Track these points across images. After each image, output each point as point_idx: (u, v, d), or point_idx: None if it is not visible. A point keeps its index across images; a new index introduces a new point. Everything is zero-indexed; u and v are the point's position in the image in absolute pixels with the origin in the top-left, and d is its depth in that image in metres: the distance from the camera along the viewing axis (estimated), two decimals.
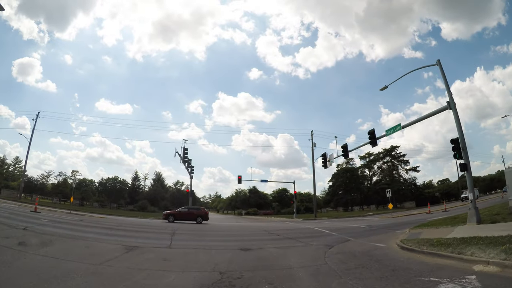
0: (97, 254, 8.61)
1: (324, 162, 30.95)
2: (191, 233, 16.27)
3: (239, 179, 43.64)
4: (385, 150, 69.98)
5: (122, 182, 64.48)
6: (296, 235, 15.85)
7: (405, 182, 67.99)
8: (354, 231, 17.30)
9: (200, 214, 26.62)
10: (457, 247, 8.51)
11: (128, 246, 10.06)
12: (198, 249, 10.23)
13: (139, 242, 11.19)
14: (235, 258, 8.70)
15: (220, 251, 9.95)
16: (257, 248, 10.71)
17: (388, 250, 9.95)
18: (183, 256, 8.95)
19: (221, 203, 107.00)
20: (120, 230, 15.28)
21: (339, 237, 14.44)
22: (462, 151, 15.87)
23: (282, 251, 10.11)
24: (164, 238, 13.07)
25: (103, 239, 11.67)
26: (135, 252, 9.17)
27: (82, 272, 6.32)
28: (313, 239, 13.56)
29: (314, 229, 19.69)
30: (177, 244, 11.37)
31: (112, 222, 20.83)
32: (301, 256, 9.23)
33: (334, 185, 72.19)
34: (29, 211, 22.32)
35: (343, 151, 26.24)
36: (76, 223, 17.41)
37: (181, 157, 35.02)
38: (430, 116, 18.68)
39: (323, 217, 42.68)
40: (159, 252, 9.37)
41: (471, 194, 15.49)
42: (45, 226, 14.29)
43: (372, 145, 22.20)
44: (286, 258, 8.76)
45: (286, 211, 64.17)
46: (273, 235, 15.94)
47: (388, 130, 20.92)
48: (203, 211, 27.58)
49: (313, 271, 7.09)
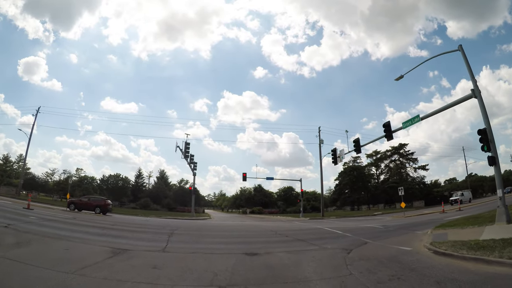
0: (75, 258, 7.31)
1: (334, 158, 29.32)
2: (191, 234, 14.86)
3: (244, 176, 42.13)
4: (393, 148, 68.31)
5: (124, 179, 63.31)
6: (306, 236, 14.36)
7: (413, 180, 66.01)
8: (369, 232, 15.79)
9: (98, 204, 26.21)
10: (503, 251, 7.19)
11: (116, 248, 8.71)
12: (197, 253, 8.78)
13: (130, 244, 9.84)
14: (239, 265, 7.24)
15: (222, 256, 8.49)
16: (264, 252, 9.26)
17: (418, 255, 8.45)
18: (177, 262, 7.51)
19: (225, 201, 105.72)
20: (113, 230, 13.93)
21: (355, 238, 12.94)
22: (490, 143, 14.24)
23: (295, 257, 8.64)
24: (159, 239, 11.68)
25: (90, 239, 10.34)
26: (122, 256, 7.80)
27: (44, 284, 5.01)
28: (327, 241, 12.06)
29: (324, 229, 18.17)
30: (174, 246, 9.95)
31: (108, 220, 19.51)
32: (318, 263, 7.75)
33: (341, 184, 70.45)
34: (22, 208, 21.14)
35: (355, 145, 24.56)
36: (67, 221, 16.12)
37: (183, 151, 33.46)
38: (453, 106, 17.05)
39: (330, 216, 41.11)
40: (150, 257, 7.95)
41: (500, 191, 13.93)
42: (31, 224, 13.03)
43: (387, 138, 20.55)
44: (301, 266, 7.29)
45: (292, 210, 62.76)
46: (281, 236, 14.47)
47: (405, 122, 19.32)
48: (104, 202, 26.90)
49: (337, 285, 5.62)
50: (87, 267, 6.42)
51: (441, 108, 17.66)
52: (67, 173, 61.95)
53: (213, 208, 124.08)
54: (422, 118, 18.31)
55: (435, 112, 17.88)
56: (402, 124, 19.50)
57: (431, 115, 18.51)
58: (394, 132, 20.55)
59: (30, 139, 43.95)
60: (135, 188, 64.95)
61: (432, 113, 18.23)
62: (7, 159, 66.53)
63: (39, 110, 44.26)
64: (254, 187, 78.30)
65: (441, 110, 17.63)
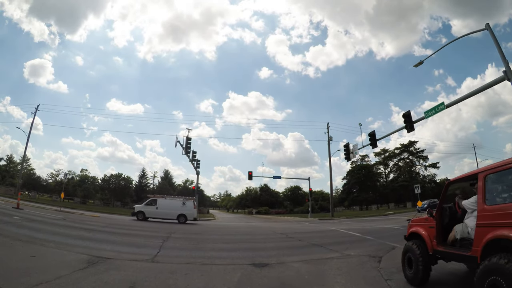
0: (37, 269, 5.74)
1: (346, 154, 27.37)
2: (190, 238, 13.07)
3: (250, 175, 40.34)
4: (402, 146, 66.04)
5: (126, 179, 61.88)
6: (322, 240, 12.52)
7: (424, 179, 63.54)
8: (391, 234, 13.97)
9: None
10: None
11: (95, 256, 7.08)
12: (192, 264, 7.04)
13: (114, 251, 8.17)
14: (246, 283, 5.51)
15: (224, 269, 6.71)
16: (276, 262, 7.46)
17: None
18: (165, 278, 5.77)
19: (231, 201, 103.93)
20: (102, 232, 12.28)
21: (379, 242, 11.12)
22: None
23: (315, 269, 6.85)
24: (151, 244, 9.96)
25: (68, 244, 8.72)
26: (97, 267, 6.14)
27: None
28: (347, 247, 10.25)
29: (339, 231, 16.33)
30: (166, 255, 8.23)
31: (101, 221, 17.92)
32: (347, 278, 5.97)
33: (349, 183, 68.29)
34: (11, 207, 19.71)
35: (371, 139, 22.55)
36: (54, 222, 14.55)
37: (183, 147, 31.65)
38: (484, 90, 15.26)
39: (340, 216, 39.13)
40: (132, 270, 6.24)
41: None
42: (9, 225, 11.55)
43: (408, 130, 18.55)
44: (326, 284, 5.53)
45: (299, 210, 60.91)
46: (293, 241, 12.67)
47: (428, 111, 17.38)
48: None
49: None
50: (44, 283, 4.86)
51: (470, 93, 15.73)
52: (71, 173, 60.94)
53: (218, 209, 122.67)
54: (447, 105, 16.38)
55: (463, 98, 16.00)
56: (424, 113, 17.57)
57: (458, 102, 16.61)
58: (415, 122, 18.61)
59: (28, 138, 42.94)
60: (139, 188, 63.53)
61: (459, 100, 16.36)
62: (11, 159, 66.18)
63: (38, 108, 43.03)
64: (260, 186, 76.65)
65: (470, 95, 15.71)
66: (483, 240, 3.65)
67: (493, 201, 3.81)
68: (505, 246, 3.36)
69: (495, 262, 3.24)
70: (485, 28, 15.43)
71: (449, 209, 5.30)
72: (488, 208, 3.77)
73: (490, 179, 3.95)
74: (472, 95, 15.52)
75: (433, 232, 5.11)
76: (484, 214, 3.81)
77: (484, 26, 15.18)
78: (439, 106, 16.64)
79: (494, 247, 3.52)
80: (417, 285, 5.13)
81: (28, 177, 57.00)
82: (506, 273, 3.05)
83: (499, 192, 3.88)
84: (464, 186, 5.29)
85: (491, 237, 3.52)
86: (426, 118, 17.67)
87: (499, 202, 3.74)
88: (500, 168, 3.77)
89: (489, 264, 3.34)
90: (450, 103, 16.70)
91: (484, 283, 3.36)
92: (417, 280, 5.11)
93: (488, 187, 3.93)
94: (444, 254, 4.82)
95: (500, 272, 3.14)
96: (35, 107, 43.01)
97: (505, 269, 3.07)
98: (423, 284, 5.10)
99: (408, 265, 5.51)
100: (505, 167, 3.69)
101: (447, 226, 5.05)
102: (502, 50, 14.68)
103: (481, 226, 3.81)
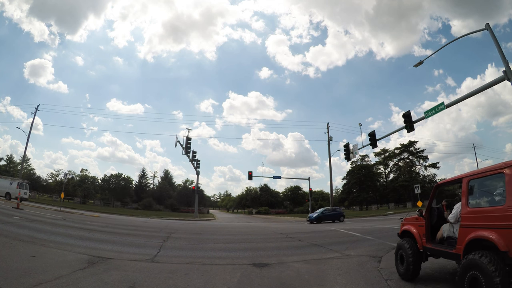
0: (38, 269, 5.74)
1: (346, 154, 27.36)
2: (190, 237, 13.10)
3: (250, 175, 40.30)
4: (402, 146, 66.05)
5: (126, 179, 61.82)
6: (322, 240, 12.54)
7: (424, 179, 63.52)
8: (391, 234, 13.86)
9: None
10: None
11: (95, 256, 7.10)
12: (193, 264, 7.05)
13: (115, 251, 8.19)
14: (246, 282, 5.51)
15: (224, 268, 6.73)
16: (276, 262, 7.48)
17: None
18: (164, 277, 5.78)
19: (231, 201, 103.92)
20: (102, 233, 12.28)
21: (379, 242, 11.13)
22: None
23: (315, 268, 6.86)
24: (151, 244, 9.97)
25: (68, 244, 8.73)
26: (97, 268, 6.15)
27: None
28: (348, 246, 10.27)
29: (340, 231, 16.34)
30: (166, 254, 8.25)
31: (101, 222, 17.91)
32: (347, 278, 5.98)
33: (349, 183, 68.26)
34: (11, 207, 19.70)
35: (371, 139, 22.57)
36: (54, 222, 14.53)
37: (183, 147, 31.63)
38: (484, 90, 15.27)
39: None
40: (131, 270, 6.26)
41: None
42: (9, 225, 11.53)
43: (408, 130, 18.58)
44: (326, 284, 5.54)
45: (299, 210, 60.98)
46: (293, 241, 12.67)
47: (428, 111, 17.40)
48: None
49: None
50: (44, 283, 4.86)
51: (469, 93, 15.73)
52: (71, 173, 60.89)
53: (218, 209, 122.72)
54: (447, 105, 16.39)
55: (463, 98, 15.98)
56: (424, 113, 17.58)
57: (458, 102, 16.60)
58: (415, 122, 18.63)
59: (28, 138, 42.93)
60: (139, 188, 63.50)
61: (459, 100, 16.34)
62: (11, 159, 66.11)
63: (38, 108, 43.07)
64: (260, 186, 76.62)
65: (470, 95, 15.71)
66: (465, 239, 3.96)
67: (475, 204, 4.13)
68: (486, 246, 3.65)
69: (474, 258, 3.57)
70: (485, 28, 15.45)
71: (437, 209, 5.66)
72: (470, 210, 4.08)
73: (472, 184, 4.24)
74: (472, 95, 15.52)
75: (423, 231, 5.48)
76: (467, 216, 4.11)
77: (484, 26, 15.20)
78: (439, 106, 16.65)
79: (475, 245, 3.83)
80: (408, 280, 5.47)
81: (28, 177, 56.98)
82: (483, 268, 3.38)
83: (480, 196, 4.16)
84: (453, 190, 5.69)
85: (472, 237, 3.83)
86: (426, 118, 17.68)
87: (479, 206, 4.04)
88: (481, 174, 4.08)
89: (469, 260, 3.65)
90: (450, 103, 16.71)
91: (465, 277, 3.68)
92: (409, 275, 5.46)
93: (470, 191, 4.24)
94: (432, 251, 5.18)
95: (479, 267, 3.47)
96: (35, 107, 43.08)
97: (482, 265, 3.40)
98: (414, 278, 5.46)
99: (400, 261, 5.84)
100: (485, 174, 3.99)
101: (436, 225, 5.41)
102: (502, 50, 14.70)
103: (464, 226, 4.13)
